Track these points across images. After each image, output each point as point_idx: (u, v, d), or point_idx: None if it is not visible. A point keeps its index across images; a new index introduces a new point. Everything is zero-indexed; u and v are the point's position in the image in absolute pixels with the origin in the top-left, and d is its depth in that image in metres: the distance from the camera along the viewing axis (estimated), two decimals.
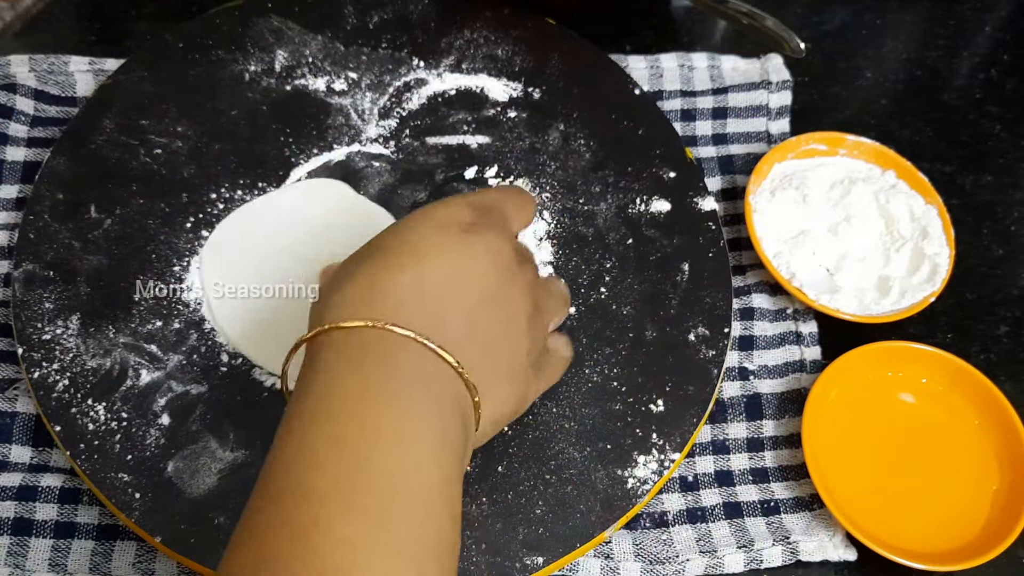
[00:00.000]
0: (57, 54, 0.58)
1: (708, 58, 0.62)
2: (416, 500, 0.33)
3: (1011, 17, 0.70)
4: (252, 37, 0.59)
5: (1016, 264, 0.59)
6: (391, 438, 0.34)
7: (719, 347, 0.51)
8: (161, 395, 0.48)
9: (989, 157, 0.63)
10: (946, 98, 0.65)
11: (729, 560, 0.48)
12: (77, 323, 0.49)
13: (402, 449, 0.34)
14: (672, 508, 0.49)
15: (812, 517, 0.49)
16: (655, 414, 0.49)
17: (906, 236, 0.55)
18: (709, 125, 0.61)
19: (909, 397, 0.53)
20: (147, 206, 0.53)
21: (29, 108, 0.57)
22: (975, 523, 0.49)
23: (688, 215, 0.55)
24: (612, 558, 0.47)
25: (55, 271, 0.50)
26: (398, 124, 0.57)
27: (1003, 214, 0.61)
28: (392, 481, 0.33)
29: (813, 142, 0.58)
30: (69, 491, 0.47)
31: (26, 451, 0.48)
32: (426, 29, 0.60)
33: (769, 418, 0.52)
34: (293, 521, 0.32)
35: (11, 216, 0.54)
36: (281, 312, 0.50)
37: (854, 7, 0.69)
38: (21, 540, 0.46)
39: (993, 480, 0.50)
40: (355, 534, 0.31)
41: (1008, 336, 0.57)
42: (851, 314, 0.53)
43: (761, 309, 0.55)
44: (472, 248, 0.39)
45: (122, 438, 0.46)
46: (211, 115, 0.56)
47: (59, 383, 0.47)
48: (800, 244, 0.55)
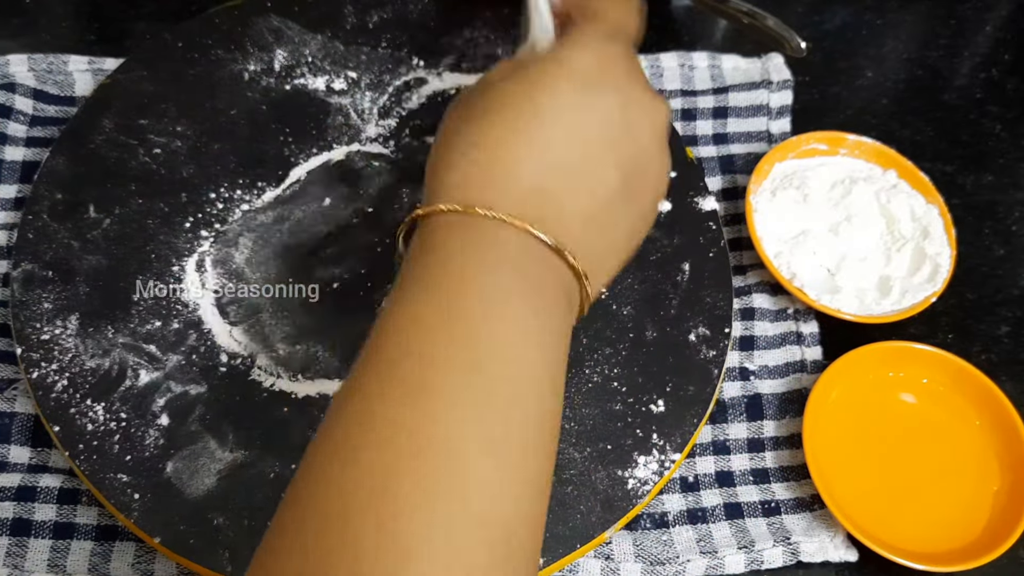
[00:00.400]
0: (56, 53, 0.58)
1: (709, 57, 0.62)
2: (523, 375, 0.33)
3: (1012, 16, 0.70)
4: (251, 36, 0.58)
5: (1017, 264, 0.59)
6: (499, 315, 0.33)
7: (720, 347, 0.51)
8: (160, 395, 0.48)
9: (990, 157, 0.63)
10: (947, 98, 0.65)
11: (730, 561, 0.48)
12: (76, 323, 0.49)
13: (511, 326, 0.33)
14: (673, 509, 0.49)
15: (813, 518, 0.49)
16: (655, 414, 0.49)
17: (907, 236, 0.55)
18: (710, 124, 0.61)
19: (910, 397, 0.53)
20: (146, 206, 0.53)
21: (28, 107, 0.57)
22: (976, 523, 0.49)
23: (689, 215, 0.55)
24: (612, 559, 0.47)
25: (54, 271, 0.50)
26: (398, 124, 0.57)
27: (1004, 214, 0.61)
28: (503, 352, 0.32)
29: (814, 142, 0.58)
30: (68, 492, 0.47)
31: (25, 451, 0.48)
32: (426, 28, 0.60)
33: (770, 418, 0.52)
34: (405, 382, 0.31)
35: (10, 216, 0.54)
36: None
37: (855, 7, 0.68)
38: (20, 541, 0.46)
39: (994, 480, 0.50)
40: (466, 401, 0.31)
41: (1009, 336, 0.57)
42: (852, 314, 0.53)
43: (762, 309, 0.55)
44: (598, 110, 0.36)
45: (121, 438, 0.46)
46: (210, 115, 0.56)
47: (58, 383, 0.47)
48: (801, 244, 0.55)
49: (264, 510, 0.45)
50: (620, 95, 0.37)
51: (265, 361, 0.49)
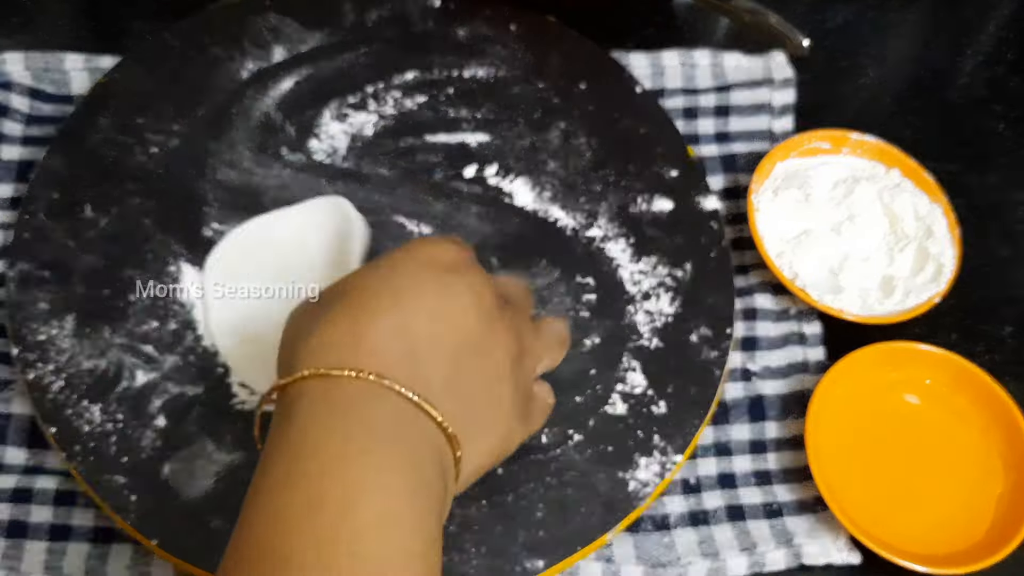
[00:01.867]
0: (53, 51, 0.58)
1: (710, 55, 0.61)
2: (397, 562, 0.32)
3: (1015, 15, 0.69)
4: (249, 35, 0.58)
5: (1021, 264, 0.59)
6: (369, 497, 0.32)
7: (721, 348, 0.51)
8: (157, 396, 0.47)
9: (993, 156, 0.63)
10: (950, 96, 0.65)
11: (732, 563, 0.47)
12: (72, 323, 0.49)
13: (382, 509, 0.32)
14: (674, 511, 0.49)
15: (816, 520, 0.49)
16: (657, 415, 0.49)
17: (910, 236, 0.55)
18: (711, 123, 0.60)
19: (913, 398, 0.52)
20: (143, 205, 0.52)
21: (24, 106, 0.57)
22: (980, 525, 0.49)
23: (690, 214, 0.55)
24: (613, 561, 0.47)
25: (50, 271, 0.50)
26: (396, 122, 0.57)
27: (1008, 214, 0.61)
28: (372, 543, 0.32)
29: (816, 140, 0.58)
30: (64, 493, 0.47)
31: (21, 453, 0.48)
32: (425, 26, 0.60)
33: (772, 420, 0.52)
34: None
35: (6, 215, 0.54)
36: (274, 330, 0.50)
37: (857, 4, 0.68)
38: (16, 543, 0.46)
39: (998, 482, 0.50)
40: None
41: (1013, 337, 0.56)
42: (855, 314, 0.53)
43: (764, 309, 0.55)
44: (454, 288, 0.38)
45: (118, 440, 0.46)
46: (208, 113, 0.55)
47: (54, 384, 0.47)
48: (803, 244, 0.55)
49: None
50: (452, 275, 0.38)
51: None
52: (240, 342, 0.49)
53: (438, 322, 0.37)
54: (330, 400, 0.34)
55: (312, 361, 0.35)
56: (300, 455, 0.33)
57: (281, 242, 0.52)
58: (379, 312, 0.36)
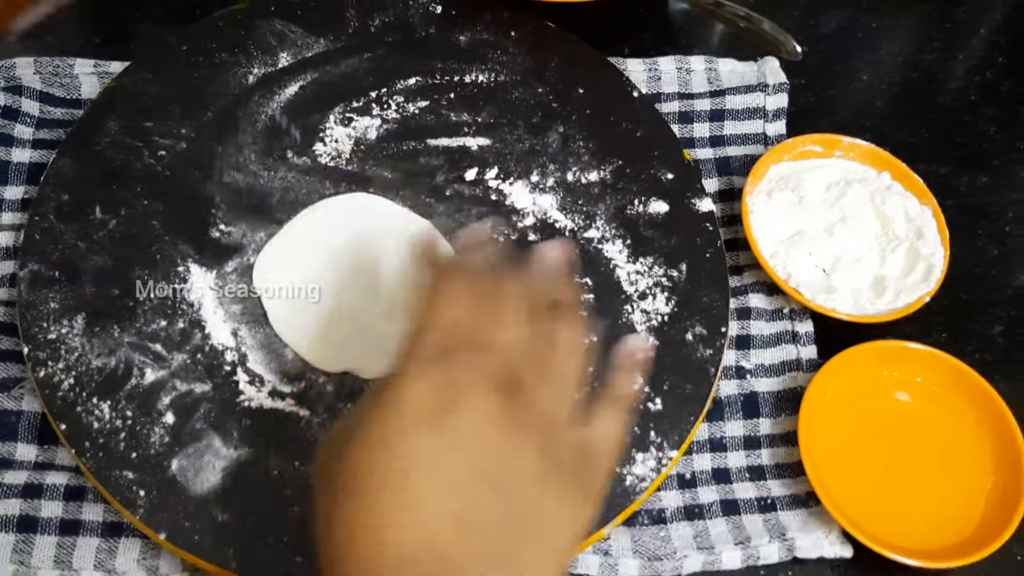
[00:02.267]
0: (62, 56, 0.59)
1: (705, 61, 0.62)
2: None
3: (1006, 20, 0.70)
4: (255, 40, 0.59)
5: (1011, 264, 0.60)
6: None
7: (716, 346, 0.52)
8: (165, 393, 0.48)
9: (984, 159, 0.64)
10: (941, 100, 0.66)
11: (726, 557, 0.48)
12: (82, 322, 0.49)
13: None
14: (670, 505, 0.50)
15: (808, 514, 0.50)
16: (653, 412, 0.50)
17: (901, 237, 0.56)
18: (707, 127, 0.61)
19: (904, 396, 0.53)
20: (151, 207, 0.53)
21: (34, 110, 0.58)
22: (970, 520, 0.50)
23: (686, 216, 0.56)
24: (610, 554, 0.48)
25: (60, 271, 0.51)
26: (399, 125, 0.58)
27: (997, 215, 0.61)
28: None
29: (809, 144, 0.59)
30: (74, 489, 0.48)
31: (31, 449, 0.49)
32: (427, 32, 0.61)
33: (766, 416, 0.53)
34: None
35: (17, 217, 0.55)
36: (335, 312, 0.51)
37: (850, 10, 0.69)
38: (26, 537, 0.46)
39: (988, 478, 0.51)
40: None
41: (1003, 336, 0.57)
42: (847, 314, 0.53)
43: (758, 309, 0.56)
44: (447, 442, 0.35)
45: (127, 436, 0.47)
46: (214, 117, 0.56)
47: (64, 382, 0.48)
48: (796, 245, 0.55)
49: (267, 507, 0.46)
50: (443, 426, 0.35)
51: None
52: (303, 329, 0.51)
53: (450, 488, 0.34)
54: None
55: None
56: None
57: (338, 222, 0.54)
58: (400, 525, 0.33)
